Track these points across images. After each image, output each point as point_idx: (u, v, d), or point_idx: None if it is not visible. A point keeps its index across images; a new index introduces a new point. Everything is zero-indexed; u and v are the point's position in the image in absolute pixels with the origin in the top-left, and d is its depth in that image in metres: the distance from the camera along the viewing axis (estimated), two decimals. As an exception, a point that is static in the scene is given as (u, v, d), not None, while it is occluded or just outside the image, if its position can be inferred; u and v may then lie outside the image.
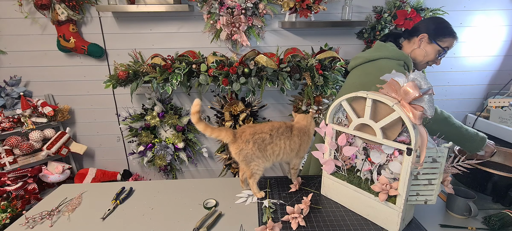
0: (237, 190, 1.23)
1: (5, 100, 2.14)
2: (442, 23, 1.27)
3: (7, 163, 1.97)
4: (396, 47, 1.29)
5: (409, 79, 0.89)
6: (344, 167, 1.10)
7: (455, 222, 1.03)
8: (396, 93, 0.90)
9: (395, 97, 0.90)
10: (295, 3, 2.02)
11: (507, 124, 2.08)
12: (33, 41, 2.16)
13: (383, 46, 1.30)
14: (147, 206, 1.14)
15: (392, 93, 0.91)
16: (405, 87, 0.86)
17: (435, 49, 1.26)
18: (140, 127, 2.30)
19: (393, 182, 0.94)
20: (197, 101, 1.01)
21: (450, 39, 1.25)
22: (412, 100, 0.85)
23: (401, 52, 1.25)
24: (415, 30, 1.31)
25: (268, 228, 0.96)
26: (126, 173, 2.50)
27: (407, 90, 0.86)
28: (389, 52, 1.25)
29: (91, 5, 2.09)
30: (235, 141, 1.11)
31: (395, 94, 0.90)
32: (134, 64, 2.02)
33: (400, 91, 0.88)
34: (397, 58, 1.24)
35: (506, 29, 2.30)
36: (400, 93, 0.88)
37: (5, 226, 1.63)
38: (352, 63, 1.41)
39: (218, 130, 1.08)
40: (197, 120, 1.03)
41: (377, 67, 1.25)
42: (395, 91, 0.90)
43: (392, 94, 0.91)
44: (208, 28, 2.12)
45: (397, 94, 0.90)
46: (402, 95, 0.87)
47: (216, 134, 1.08)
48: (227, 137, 1.09)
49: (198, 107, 1.02)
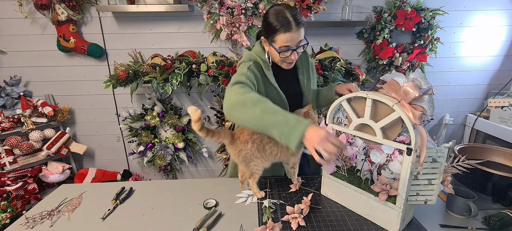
0: (237, 190, 1.23)
1: (5, 100, 2.14)
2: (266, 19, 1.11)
3: (7, 163, 1.97)
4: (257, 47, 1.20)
5: (409, 79, 0.89)
6: (344, 167, 1.10)
7: (455, 222, 1.03)
8: (396, 93, 0.90)
9: (395, 97, 0.90)
10: (295, 3, 2.02)
11: (507, 124, 2.08)
12: (33, 41, 2.16)
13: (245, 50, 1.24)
14: (147, 206, 1.14)
15: (392, 93, 0.91)
16: (405, 87, 0.86)
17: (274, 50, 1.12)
18: (140, 127, 2.30)
19: (393, 182, 0.94)
20: (192, 109, 0.95)
21: (280, 35, 1.06)
22: (412, 100, 0.85)
23: (250, 54, 1.18)
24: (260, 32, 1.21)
25: (268, 228, 0.96)
26: (126, 173, 2.50)
27: (407, 90, 0.86)
28: (245, 55, 1.20)
29: (91, 5, 2.09)
30: (234, 142, 1.11)
31: (395, 94, 0.90)
32: (134, 64, 2.02)
33: (400, 91, 0.88)
34: (248, 59, 1.17)
35: (506, 29, 2.30)
36: (400, 93, 0.88)
37: (5, 226, 1.63)
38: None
39: (217, 132, 1.08)
40: (199, 128, 0.98)
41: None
42: (395, 91, 0.90)
43: (392, 94, 0.91)
44: (208, 28, 2.12)
45: (397, 94, 0.90)
46: (402, 95, 0.87)
47: (216, 137, 1.08)
48: (226, 138, 1.10)
49: (196, 116, 0.94)
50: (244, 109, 0.92)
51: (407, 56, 2.17)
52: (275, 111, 0.90)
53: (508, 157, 1.32)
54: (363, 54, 2.29)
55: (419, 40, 2.16)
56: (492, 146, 1.36)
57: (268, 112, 0.90)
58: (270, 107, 0.91)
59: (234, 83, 1.05)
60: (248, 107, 0.92)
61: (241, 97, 0.95)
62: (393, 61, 2.16)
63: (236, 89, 1.00)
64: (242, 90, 0.99)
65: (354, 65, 2.19)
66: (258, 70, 1.15)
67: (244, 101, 0.93)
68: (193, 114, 0.95)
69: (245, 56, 1.19)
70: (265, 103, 0.92)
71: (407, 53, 2.19)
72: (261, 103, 0.92)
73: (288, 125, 0.86)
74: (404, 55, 2.16)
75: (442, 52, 2.29)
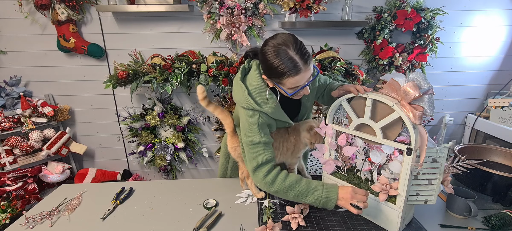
0: (237, 190, 1.23)
1: (5, 100, 2.14)
2: (266, 61, 0.94)
3: (7, 163, 1.97)
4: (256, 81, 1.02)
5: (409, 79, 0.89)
6: (344, 167, 1.10)
7: (455, 222, 1.03)
8: (396, 93, 0.90)
9: (395, 97, 0.90)
10: (295, 3, 2.02)
11: (507, 124, 2.08)
12: (33, 41, 2.16)
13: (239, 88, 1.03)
14: (147, 206, 1.14)
15: (392, 93, 0.91)
16: (405, 87, 0.86)
17: (281, 89, 0.99)
18: (140, 127, 2.30)
19: (393, 182, 0.94)
20: (200, 88, 1.09)
21: (288, 79, 0.93)
22: (412, 100, 0.85)
23: (250, 102, 1.00)
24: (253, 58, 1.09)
25: (268, 228, 0.96)
26: (126, 173, 2.50)
27: (407, 90, 0.86)
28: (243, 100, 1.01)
29: (91, 5, 2.09)
30: (233, 135, 1.13)
31: (395, 94, 0.90)
32: (134, 64, 2.02)
33: (400, 92, 0.88)
34: (250, 108, 1.01)
35: (506, 29, 2.30)
36: (400, 93, 0.88)
37: (5, 226, 1.63)
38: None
39: (225, 114, 1.15)
40: (206, 104, 1.12)
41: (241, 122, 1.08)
42: (395, 91, 0.90)
43: (392, 94, 0.91)
44: (208, 28, 2.12)
45: (397, 94, 0.90)
46: (402, 95, 0.87)
47: (222, 116, 1.14)
48: (228, 127, 1.15)
49: (203, 95, 1.10)
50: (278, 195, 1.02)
51: (407, 56, 2.17)
52: (308, 192, 0.98)
53: (508, 157, 1.32)
54: (363, 54, 2.29)
55: (419, 40, 2.16)
56: (492, 146, 1.36)
57: (301, 195, 0.99)
58: (302, 191, 0.98)
59: (252, 144, 1.02)
60: (281, 194, 1.01)
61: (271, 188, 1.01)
62: (393, 61, 2.16)
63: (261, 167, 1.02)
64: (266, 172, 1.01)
65: (354, 65, 2.19)
66: (266, 118, 1.04)
67: (277, 191, 1.01)
68: (200, 94, 1.10)
69: (245, 101, 1.01)
70: (296, 188, 0.99)
71: (407, 53, 2.19)
72: (292, 189, 0.99)
73: (321, 201, 0.97)
74: (404, 55, 2.16)
75: (442, 52, 2.29)
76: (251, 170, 1.04)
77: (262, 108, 1.01)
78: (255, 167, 1.02)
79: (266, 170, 1.01)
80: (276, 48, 0.92)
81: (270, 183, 1.00)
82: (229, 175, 1.39)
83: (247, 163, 1.05)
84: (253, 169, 1.03)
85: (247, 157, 1.05)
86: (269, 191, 1.02)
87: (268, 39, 0.96)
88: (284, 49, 0.90)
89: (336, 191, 0.96)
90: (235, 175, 1.36)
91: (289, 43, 0.91)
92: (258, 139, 1.01)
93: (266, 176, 1.00)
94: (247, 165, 1.06)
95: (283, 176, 1.00)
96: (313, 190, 0.98)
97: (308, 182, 1.00)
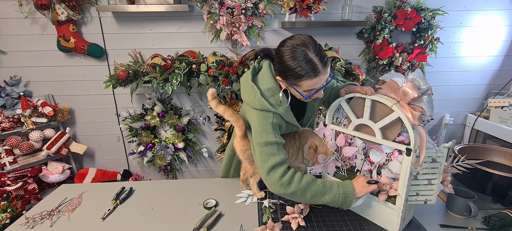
0: (237, 190, 1.24)
1: (5, 100, 2.14)
2: (284, 62, 0.93)
3: (7, 163, 1.97)
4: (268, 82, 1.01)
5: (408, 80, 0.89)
6: (344, 167, 1.10)
7: (455, 222, 1.03)
8: (395, 93, 0.90)
9: (394, 98, 0.90)
10: (295, 3, 2.02)
11: (507, 124, 2.08)
12: (33, 41, 2.16)
13: (249, 89, 1.02)
14: (147, 206, 1.14)
15: (391, 93, 0.91)
16: (404, 88, 0.86)
17: (296, 91, 0.99)
18: (140, 127, 2.30)
19: (393, 182, 0.94)
20: (211, 90, 1.03)
21: (306, 81, 0.93)
22: (411, 100, 0.85)
23: (263, 103, 0.99)
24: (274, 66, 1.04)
25: (268, 228, 0.96)
26: (126, 173, 2.50)
27: (406, 91, 0.86)
28: (257, 100, 1.00)
29: (91, 5, 2.09)
30: (244, 138, 1.10)
31: (394, 95, 0.90)
32: (134, 64, 2.02)
33: (399, 92, 0.88)
34: (264, 109, 0.99)
35: (506, 29, 2.30)
36: (399, 93, 0.88)
37: (5, 226, 1.63)
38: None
39: (236, 116, 1.07)
40: (215, 105, 1.05)
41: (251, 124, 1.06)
42: (394, 91, 0.90)
43: (391, 95, 0.91)
44: (208, 28, 2.12)
45: (396, 95, 0.90)
46: (401, 95, 0.87)
47: (234, 118, 1.06)
48: (239, 130, 1.08)
49: (212, 96, 1.03)
50: (295, 197, 0.98)
51: (407, 56, 2.17)
52: (324, 191, 0.96)
53: (508, 157, 1.32)
54: (363, 54, 2.29)
55: (419, 40, 2.16)
56: (492, 146, 1.36)
57: (319, 195, 0.96)
58: (319, 190, 0.96)
59: (266, 144, 0.98)
60: (298, 196, 0.97)
61: (288, 189, 0.96)
62: (393, 61, 2.16)
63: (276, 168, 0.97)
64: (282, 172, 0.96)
65: (354, 65, 2.19)
66: (279, 119, 1.03)
67: (294, 192, 0.96)
68: (210, 95, 1.03)
69: (258, 102, 1.00)
70: (313, 187, 0.96)
71: (407, 53, 2.19)
72: (310, 188, 0.96)
73: (339, 199, 0.95)
74: (404, 55, 2.16)
75: (442, 52, 2.29)
76: (265, 172, 0.97)
77: (277, 109, 1.00)
78: (270, 168, 0.96)
79: (282, 171, 0.96)
80: (295, 49, 0.92)
81: (286, 184, 0.95)
82: (231, 176, 1.38)
83: (260, 165, 1.00)
84: (268, 170, 0.97)
85: (260, 158, 0.99)
86: (284, 194, 0.96)
87: (285, 40, 0.96)
88: (304, 50, 0.90)
89: (351, 186, 0.96)
90: (236, 175, 1.36)
91: (308, 44, 0.91)
92: (272, 139, 0.98)
93: (283, 177, 0.95)
94: (259, 168, 1.01)
95: (299, 175, 0.97)
96: (330, 188, 0.96)
97: (323, 181, 0.98)
